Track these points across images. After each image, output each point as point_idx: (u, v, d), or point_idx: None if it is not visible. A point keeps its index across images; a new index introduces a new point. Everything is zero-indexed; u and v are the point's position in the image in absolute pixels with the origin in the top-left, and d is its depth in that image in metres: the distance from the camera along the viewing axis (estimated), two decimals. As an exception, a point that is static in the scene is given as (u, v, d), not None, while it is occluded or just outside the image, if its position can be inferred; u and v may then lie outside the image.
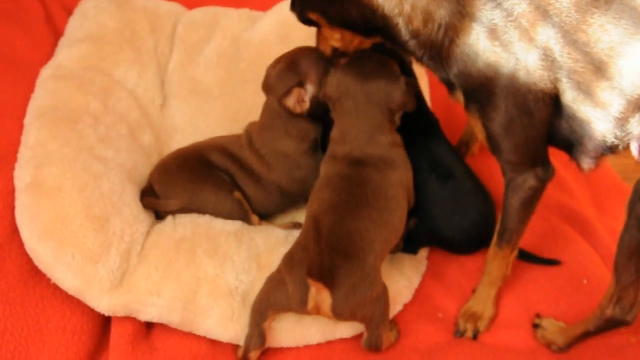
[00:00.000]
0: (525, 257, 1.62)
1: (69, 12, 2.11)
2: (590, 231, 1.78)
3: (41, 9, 2.12)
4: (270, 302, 1.37)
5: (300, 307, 1.32)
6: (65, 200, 1.45)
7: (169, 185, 1.64)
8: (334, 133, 1.53)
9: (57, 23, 2.09)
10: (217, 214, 1.61)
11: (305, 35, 1.99)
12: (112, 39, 1.97)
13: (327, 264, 1.26)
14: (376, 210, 1.41)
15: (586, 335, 1.44)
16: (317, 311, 1.33)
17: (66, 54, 1.90)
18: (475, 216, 1.61)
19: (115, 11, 2.04)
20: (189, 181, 1.64)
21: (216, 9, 2.17)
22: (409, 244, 1.64)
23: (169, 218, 1.58)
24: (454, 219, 1.61)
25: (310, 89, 1.55)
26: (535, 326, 1.52)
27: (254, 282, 1.46)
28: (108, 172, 1.56)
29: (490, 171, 1.69)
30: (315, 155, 1.64)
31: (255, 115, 1.88)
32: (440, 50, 1.31)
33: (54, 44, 1.98)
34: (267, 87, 1.64)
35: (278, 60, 1.62)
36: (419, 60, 1.37)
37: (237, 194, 1.64)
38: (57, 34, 2.04)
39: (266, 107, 1.67)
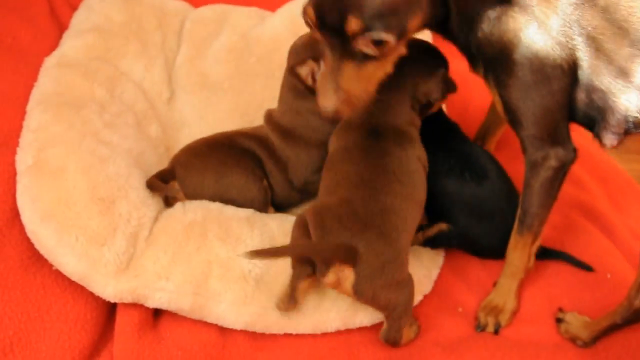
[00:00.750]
0: (557, 255, 1.55)
1: (73, 7, 2.06)
2: (609, 228, 1.71)
3: (46, 2, 2.08)
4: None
5: (320, 276, 1.25)
6: (69, 181, 1.38)
7: (197, 167, 1.58)
8: None
9: (62, 18, 2.04)
10: (239, 199, 1.55)
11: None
12: (119, 31, 1.92)
13: (356, 243, 1.20)
14: (404, 185, 1.34)
15: (613, 328, 1.37)
16: (337, 286, 1.25)
17: (71, 44, 1.85)
18: (511, 221, 1.48)
19: (122, 5, 1.99)
20: (221, 162, 1.58)
21: (225, 6, 2.13)
22: (432, 244, 1.58)
23: (179, 203, 1.51)
24: (490, 224, 1.52)
25: (323, 68, 1.47)
26: (559, 321, 1.45)
27: (269, 265, 1.39)
28: (114, 156, 1.49)
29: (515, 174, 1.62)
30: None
31: (266, 109, 1.84)
32: (471, 17, 1.26)
33: (58, 37, 1.93)
34: (288, 56, 1.61)
35: (304, 35, 1.57)
36: (452, 32, 1.32)
37: (265, 183, 1.58)
38: (61, 27, 2.00)
39: (283, 80, 1.63)
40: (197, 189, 1.55)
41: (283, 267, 1.37)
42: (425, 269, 1.51)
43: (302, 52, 1.54)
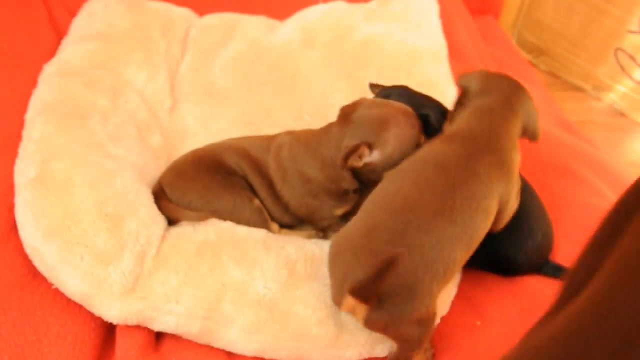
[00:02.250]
0: None
1: (72, 13, 1.98)
2: None
3: (43, 7, 2.00)
4: None
5: (334, 302, 1.18)
6: (76, 196, 1.28)
7: (183, 189, 1.47)
8: (460, 114, 1.33)
9: (60, 23, 1.96)
10: (234, 221, 1.43)
11: (329, 40, 1.90)
12: (122, 38, 1.83)
13: (376, 281, 1.06)
14: (455, 224, 1.13)
15: None
16: (351, 312, 1.16)
17: (72, 51, 1.75)
18: (539, 237, 1.43)
19: (126, 12, 1.91)
20: (205, 187, 1.46)
21: (232, 15, 2.06)
22: None
23: (189, 223, 1.40)
24: (519, 239, 1.42)
25: (375, 156, 1.34)
26: None
27: (284, 289, 1.28)
28: (121, 170, 1.39)
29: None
30: (337, 199, 1.46)
31: (273, 118, 1.76)
32: None
33: (57, 43, 1.84)
34: (344, 116, 1.40)
35: (375, 105, 1.39)
36: None
37: (257, 202, 1.47)
38: (59, 33, 1.91)
39: (324, 132, 1.45)
40: (189, 209, 1.45)
41: (299, 294, 1.28)
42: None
43: (359, 133, 1.35)
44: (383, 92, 1.53)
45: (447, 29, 2.14)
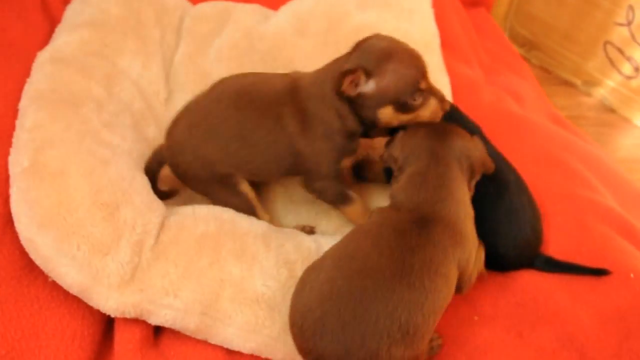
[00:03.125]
0: (571, 269, 1.46)
1: (65, 2, 1.93)
2: (628, 229, 1.59)
3: (37, -6, 1.96)
4: None
5: None
6: (70, 185, 1.24)
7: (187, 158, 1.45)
8: (398, 187, 1.26)
9: (53, 11, 1.90)
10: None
11: (323, 29, 1.88)
12: (116, 26, 1.78)
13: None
14: (413, 288, 1.09)
15: None
16: None
17: (66, 38, 1.71)
18: (529, 231, 1.43)
19: (119, -1, 1.87)
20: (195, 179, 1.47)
21: (226, 3, 2.02)
22: None
23: (189, 212, 1.37)
24: (509, 234, 1.42)
25: (370, 86, 1.28)
26: None
27: (283, 289, 1.27)
28: (115, 158, 1.36)
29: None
30: (347, 142, 1.39)
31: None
32: None
33: (50, 31, 1.79)
34: (354, 47, 1.36)
35: (386, 39, 1.35)
36: None
37: (244, 187, 1.45)
38: (52, 21, 1.86)
39: (332, 63, 1.39)
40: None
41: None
42: None
43: (362, 58, 1.30)
44: None
45: (439, 20, 2.11)
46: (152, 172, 1.47)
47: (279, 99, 1.36)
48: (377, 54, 1.29)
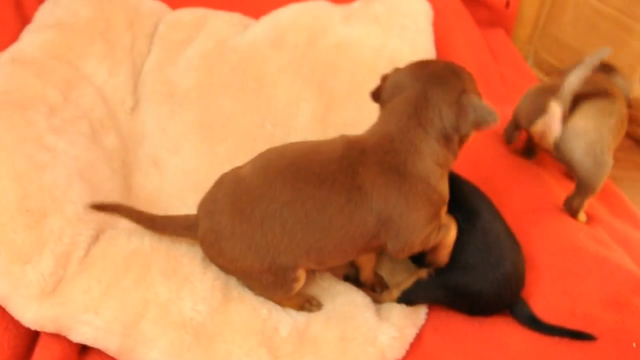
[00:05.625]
0: (554, 331, 1.44)
1: (41, 1, 2.05)
2: None
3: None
4: None
5: None
6: (-5, 187, 1.35)
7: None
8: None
9: (28, 12, 2.03)
10: None
11: (301, 42, 1.95)
12: (84, 29, 1.91)
13: None
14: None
15: None
16: None
17: (30, 39, 1.85)
18: (508, 266, 1.41)
19: (92, 0, 1.98)
20: None
21: (206, 10, 2.12)
22: (408, 298, 1.48)
23: (126, 225, 1.45)
24: (484, 267, 1.41)
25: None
26: None
27: (215, 314, 1.32)
28: (54, 163, 1.45)
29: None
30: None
31: (233, 125, 1.82)
32: None
33: (20, 32, 1.93)
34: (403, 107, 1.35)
35: (420, 66, 1.40)
36: None
37: (300, 277, 1.41)
38: (25, 22, 1.99)
39: (403, 130, 1.36)
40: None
41: (231, 320, 1.32)
42: (394, 329, 1.39)
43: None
44: None
45: (442, 40, 2.17)
46: None
47: (346, 166, 1.29)
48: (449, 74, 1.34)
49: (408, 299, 1.48)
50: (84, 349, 1.32)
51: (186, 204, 1.65)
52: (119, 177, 1.68)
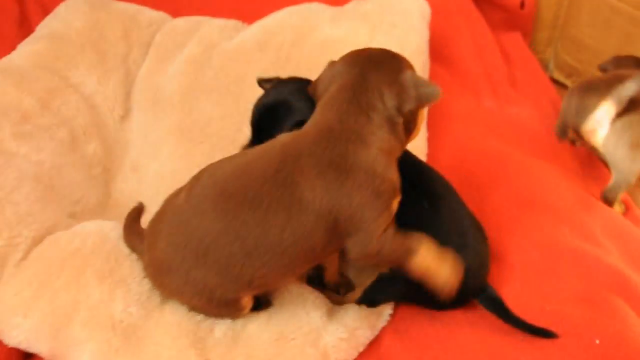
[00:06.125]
0: (516, 323, 1.34)
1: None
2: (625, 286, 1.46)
3: (17, 9, 2.16)
4: None
5: None
6: None
7: None
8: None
9: (34, 25, 2.07)
10: None
11: (288, 43, 1.91)
12: (75, 39, 1.91)
13: None
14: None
15: None
16: None
17: (21, 50, 1.88)
18: (473, 256, 1.33)
19: (87, 12, 1.99)
20: None
21: (202, 18, 2.09)
22: (370, 297, 1.39)
23: (78, 227, 1.42)
24: None
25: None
26: None
27: (149, 316, 1.27)
28: (6, 165, 1.45)
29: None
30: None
31: (212, 128, 1.78)
32: None
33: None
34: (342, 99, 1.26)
35: (353, 54, 1.33)
36: None
37: (246, 305, 1.34)
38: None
39: (343, 126, 1.26)
40: None
41: (167, 320, 1.27)
42: (343, 330, 1.30)
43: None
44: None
45: (448, 40, 2.12)
46: None
47: (282, 181, 1.17)
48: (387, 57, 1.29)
49: (371, 298, 1.39)
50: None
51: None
52: (98, 183, 1.69)
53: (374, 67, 1.22)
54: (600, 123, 1.64)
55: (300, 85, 1.41)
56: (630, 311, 1.37)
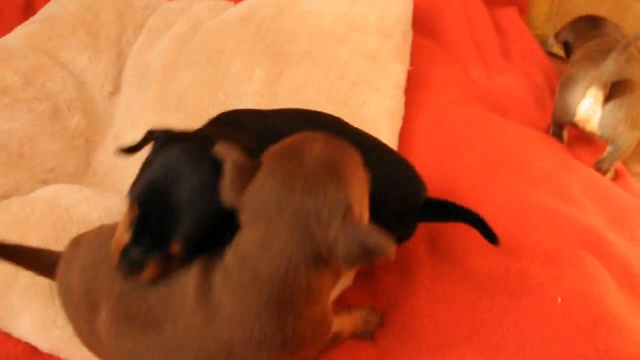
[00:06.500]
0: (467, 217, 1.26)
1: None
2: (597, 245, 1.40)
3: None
4: None
5: None
6: None
7: None
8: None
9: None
10: None
11: (269, 16, 1.83)
12: (68, 21, 1.91)
13: None
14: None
15: None
16: None
17: (16, 32, 1.87)
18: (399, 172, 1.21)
19: (85, -5, 1.91)
20: None
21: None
22: None
23: (34, 194, 1.39)
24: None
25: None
26: None
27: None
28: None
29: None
30: None
31: (188, 97, 1.73)
32: None
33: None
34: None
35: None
36: None
37: None
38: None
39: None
40: None
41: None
42: None
43: None
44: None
45: (438, 13, 2.08)
46: None
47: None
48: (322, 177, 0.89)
49: None
50: None
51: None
52: (78, 153, 1.69)
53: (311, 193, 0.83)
54: (593, 110, 1.66)
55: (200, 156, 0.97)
56: (600, 269, 1.26)
